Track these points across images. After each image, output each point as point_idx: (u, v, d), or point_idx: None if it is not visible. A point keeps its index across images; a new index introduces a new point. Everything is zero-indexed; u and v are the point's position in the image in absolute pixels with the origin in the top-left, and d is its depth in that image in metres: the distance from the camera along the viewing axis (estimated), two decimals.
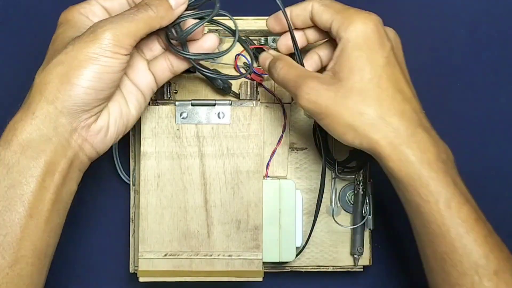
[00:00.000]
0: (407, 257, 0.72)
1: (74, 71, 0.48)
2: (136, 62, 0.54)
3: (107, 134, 0.52)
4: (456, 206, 0.48)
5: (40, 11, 0.75)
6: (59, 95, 0.48)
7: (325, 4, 0.52)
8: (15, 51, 0.74)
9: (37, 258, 0.50)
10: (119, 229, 0.72)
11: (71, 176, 0.51)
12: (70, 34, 0.52)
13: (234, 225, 0.63)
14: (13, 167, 0.48)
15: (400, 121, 0.49)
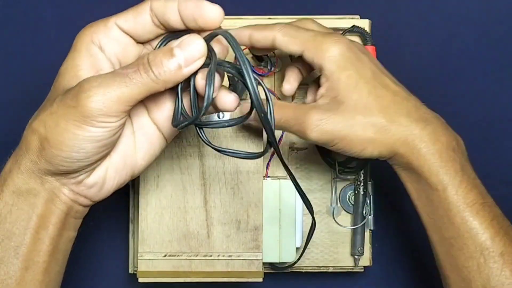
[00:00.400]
0: (407, 257, 0.72)
1: (54, 139, 0.44)
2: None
3: (103, 188, 0.48)
4: (463, 192, 0.50)
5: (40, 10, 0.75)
6: (41, 158, 0.45)
7: (289, 35, 0.52)
8: (14, 51, 0.75)
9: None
10: (119, 229, 0.72)
11: (67, 226, 0.49)
12: (69, 78, 0.47)
13: (234, 225, 0.62)
14: (6, 217, 0.46)
15: (408, 119, 0.51)
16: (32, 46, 0.74)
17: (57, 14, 0.75)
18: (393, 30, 0.73)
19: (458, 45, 0.73)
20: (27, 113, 0.74)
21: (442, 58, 0.73)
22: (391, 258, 0.72)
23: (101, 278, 0.73)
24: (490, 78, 0.73)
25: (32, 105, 0.74)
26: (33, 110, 0.72)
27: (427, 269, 0.72)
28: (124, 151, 0.47)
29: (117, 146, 0.47)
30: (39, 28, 0.74)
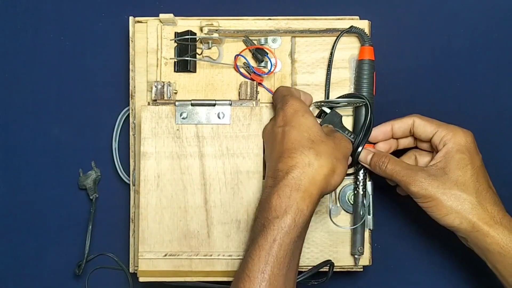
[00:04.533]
0: (407, 257, 0.72)
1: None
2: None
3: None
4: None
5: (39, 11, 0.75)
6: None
7: (426, 119, 0.64)
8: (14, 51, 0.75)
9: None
10: (119, 229, 0.72)
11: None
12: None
13: (234, 225, 0.63)
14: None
15: (494, 206, 0.61)
16: (32, 46, 0.74)
17: (57, 13, 0.75)
18: (392, 31, 0.73)
19: (456, 45, 0.73)
20: (27, 113, 0.74)
21: (441, 58, 0.73)
22: (391, 258, 0.72)
23: (102, 277, 0.73)
24: (489, 78, 0.73)
25: (32, 104, 0.74)
26: (33, 109, 0.72)
27: (427, 268, 0.72)
28: None
29: None
30: (39, 28, 0.74)
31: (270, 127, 0.61)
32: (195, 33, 0.67)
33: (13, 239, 0.73)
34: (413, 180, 0.61)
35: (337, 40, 0.67)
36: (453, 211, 0.60)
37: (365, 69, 0.66)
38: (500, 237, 0.59)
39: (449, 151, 0.62)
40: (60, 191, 0.73)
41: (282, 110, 0.60)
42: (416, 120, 0.65)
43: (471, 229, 0.60)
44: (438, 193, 0.60)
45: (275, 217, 0.55)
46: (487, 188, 0.61)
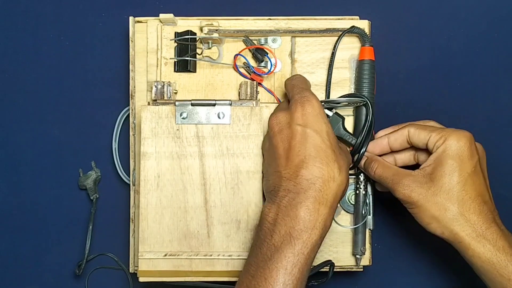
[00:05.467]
0: (406, 257, 0.72)
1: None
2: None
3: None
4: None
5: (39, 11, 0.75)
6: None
7: (420, 127, 0.63)
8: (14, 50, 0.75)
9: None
10: (119, 229, 0.72)
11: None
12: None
13: (234, 225, 0.63)
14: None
15: (478, 218, 0.59)
16: (32, 46, 0.74)
17: (57, 13, 0.75)
18: (392, 31, 0.73)
19: (456, 45, 0.73)
20: (27, 113, 0.74)
21: (441, 58, 0.73)
22: (391, 258, 0.72)
23: (102, 276, 0.73)
24: (489, 78, 0.73)
25: (32, 104, 0.74)
26: (33, 109, 0.72)
27: (427, 268, 0.72)
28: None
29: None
30: (39, 28, 0.74)
31: (283, 118, 0.59)
32: (195, 33, 0.67)
33: (13, 239, 0.73)
34: (398, 186, 0.61)
35: (338, 40, 0.67)
36: (435, 220, 0.59)
37: (366, 70, 0.66)
38: (481, 251, 0.58)
39: (439, 156, 0.61)
40: (60, 191, 0.73)
41: (301, 106, 0.58)
42: (411, 129, 0.63)
43: (453, 240, 0.59)
44: (421, 200, 0.60)
45: (303, 230, 0.54)
46: (474, 196, 0.59)
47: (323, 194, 0.55)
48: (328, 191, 0.55)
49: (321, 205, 0.55)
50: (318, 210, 0.55)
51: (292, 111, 0.58)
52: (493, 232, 0.59)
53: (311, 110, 0.58)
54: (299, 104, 0.58)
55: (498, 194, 0.70)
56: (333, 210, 0.56)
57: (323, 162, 0.56)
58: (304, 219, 0.54)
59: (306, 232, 0.54)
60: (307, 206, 0.54)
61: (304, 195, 0.55)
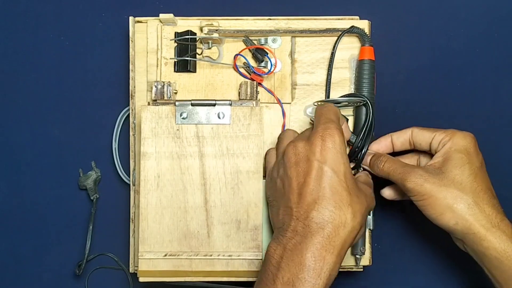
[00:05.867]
0: (407, 257, 0.72)
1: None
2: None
3: None
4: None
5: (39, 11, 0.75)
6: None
7: (424, 128, 0.64)
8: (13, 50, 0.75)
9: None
10: (119, 229, 0.72)
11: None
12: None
13: (234, 225, 0.63)
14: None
15: (492, 210, 0.59)
16: (32, 46, 0.74)
17: (57, 13, 0.75)
18: (392, 31, 0.73)
19: (456, 45, 0.73)
20: (27, 113, 0.74)
21: (441, 58, 0.73)
22: (391, 258, 0.72)
23: (102, 276, 0.73)
24: (489, 78, 0.73)
25: (32, 104, 0.74)
26: (33, 109, 0.72)
27: (427, 268, 0.72)
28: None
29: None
30: (39, 28, 0.74)
31: (302, 149, 0.57)
32: (195, 33, 0.67)
33: (13, 239, 0.73)
34: (410, 176, 0.60)
35: (338, 40, 0.67)
36: (449, 210, 0.59)
37: (366, 69, 0.66)
38: (497, 241, 0.57)
39: (447, 151, 0.61)
40: (60, 191, 0.73)
41: (322, 140, 0.56)
42: (415, 129, 0.64)
43: (467, 231, 0.59)
44: (434, 190, 0.59)
45: (307, 280, 0.52)
46: (485, 189, 0.60)
47: (331, 241, 0.53)
48: (337, 238, 0.53)
49: (327, 252, 0.53)
50: (324, 258, 0.53)
51: (312, 143, 0.56)
52: (506, 225, 0.58)
53: (332, 146, 0.56)
54: (320, 138, 0.56)
55: (498, 194, 0.70)
56: (341, 258, 0.54)
57: (336, 206, 0.54)
58: (308, 267, 0.52)
59: (310, 282, 0.52)
60: (312, 253, 0.53)
61: (311, 240, 0.53)
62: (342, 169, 0.56)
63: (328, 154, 0.56)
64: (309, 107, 0.68)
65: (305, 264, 0.52)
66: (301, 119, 0.68)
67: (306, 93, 0.68)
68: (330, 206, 0.54)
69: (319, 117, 0.59)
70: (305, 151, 0.57)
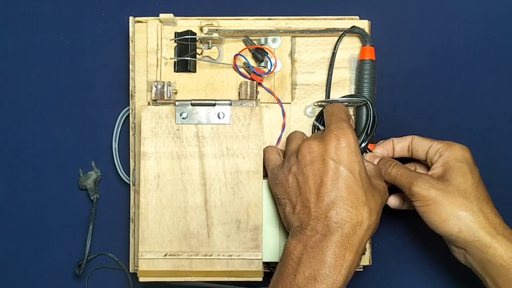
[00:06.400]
0: (407, 257, 0.72)
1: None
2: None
3: None
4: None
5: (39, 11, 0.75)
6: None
7: (423, 137, 0.65)
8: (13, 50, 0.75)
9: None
10: (119, 229, 0.72)
11: None
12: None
13: (234, 225, 0.63)
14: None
15: (495, 217, 0.59)
16: (32, 46, 0.74)
17: (57, 13, 0.75)
18: (392, 31, 0.73)
19: (456, 45, 0.73)
20: (27, 113, 0.74)
21: (441, 58, 0.73)
22: (391, 258, 0.72)
23: (102, 276, 0.73)
24: (489, 78, 0.73)
25: (32, 104, 0.74)
26: (33, 109, 0.72)
27: (427, 268, 0.72)
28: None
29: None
30: (39, 28, 0.74)
31: (317, 148, 0.58)
32: (195, 33, 0.67)
33: (13, 239, 0.73)
34: (417, 181, 0.60)
35: (339, 40, 0.67)
36: (453, 217, 0.59)
37: (366, 69, 0.66)
38: (503, 249, 0.57)
39: (446, 161, 0.61)
40: (60, 191, 0.73)
41: (336, 138, 0.57)
42: (415, 137, 0.65)
43: (472, 239, 0.59)
44: (440, 196, 0.59)
45: (329, 275, 0.54)
46: (487, 199, 0.60)
47: (350, 240, 0.55)
48: (354, 237, 0.55)
49: (347, 250, 0.55)
50: (343, 256, 0.55)
51: (326, 142, 0.57)
52: (510, 233, 0.59)
53: (346, 145, 0.57)
54: (334, 136, 0.57)
55: (498, 194, 0.70)
56: (358, 256, 0.56)
57: (353, 206, 0.56)
58: (330, 264, 0.54)
59: (331, 278, 0.54)
60: (333, 251, 0.55)
61: (331, 239, 0.55)
62: (357, 168, 0.57)
63: (343, 153, 0.57)
64: (309, 107, 0.68)
65: (326, 261, 0.54)
66: (301, 119, 0.68)
67: (306, 93, 0.68)
68: (347, 206, 0.56)
69: (330, 116, 0.60)
70: (320, 150, 0.57)
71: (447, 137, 0.63)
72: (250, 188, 0.63)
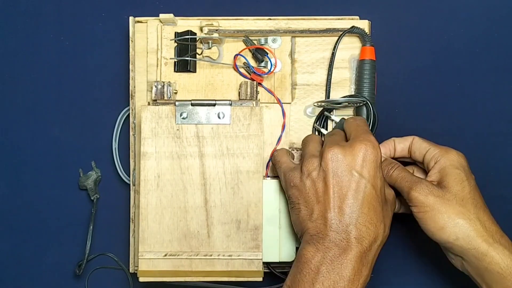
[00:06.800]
0: (407, 257, 0.72)
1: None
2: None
3: None
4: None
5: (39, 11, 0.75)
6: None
7: (424, 139, 0.64)
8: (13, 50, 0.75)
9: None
10: (119, 229, 0.72)
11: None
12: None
13: (234, 225, 0.63)
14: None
15: (492, 225, 0.59)
16: (32, 46, 0.74)
17: (57, 13, 0.75)
18: (392, 31, 0.73)
19: (456, 45, 0.73)
20: (27, 113, 0.74)
21: (441, 58, 0.73)
22: (391, 258, 0.72)
23: (102, 276, 0.73)
24: (489, 78, 0.73)
25: (32, 104, 0.74)
26: (33, 109, 0.72)
27: (427, 268, 0.72)
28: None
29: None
30: (39, 28, 0.74)
31: (342, 156, 0.57)
32: (195, 33, 0.67)
33: (13, 239, 0.73)
34: (416, 186, 0.60)
35: (339, 40, 0.67)
36: (451, 224, 0.58)
37: (367, 69, 0.66)
38: (500, 257, 0.57)
39: (443, 167, 0.61)
40: (60, 191, 0.73)
41: (365, 150, 0.57)
42: (416, 138, 0.65)
43: (469, 246, 0.58)
44: (438, 203, 0.59)
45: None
46: (483, 207, 0.60)
47: (366, 256, 0.56)
48: (370, 253, 0.56)
49: (363, 266, 0.56)
50: (361, 272, 0.56)
51: (355, 152, 0.57)
52: (507, 241, 0.59)
53: (374, 159, 0.57)
54: (364, 148, 0.57)
55: (498, 194, 0.70)
56: (371, 270, 0.57)
57: (372, 223, 0.57)
58: (349, 278, 0.55)
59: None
60: (352, 267, 0.55)
61: (351, 254, 0.56)
62: (379, 184, 0.58)
63: (370, 167, 0.57)
64: (309, 107, 0.68)
65: (345, 275, 0.55)
66: (301, 119, 0.68)
67: (306, 93, 0.68)
68: (367, 222, 0.56)
69: (356, 128, 0.60)
70: (346, 160, 0.57)
71: (447, 137, 0.64)
72: (250, 188, 0.63)
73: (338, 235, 0.56)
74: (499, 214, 0.61)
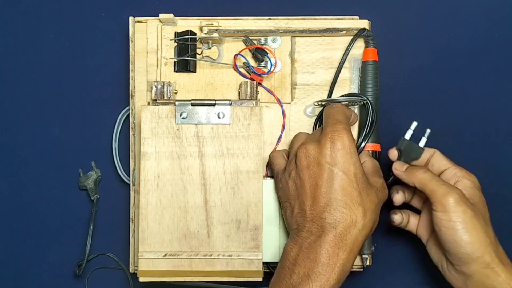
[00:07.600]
0: (407, 257, 0.72)
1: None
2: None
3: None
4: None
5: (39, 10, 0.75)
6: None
7: (445, 156, 0.63)
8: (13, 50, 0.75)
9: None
10: (119, 229, 0.72)
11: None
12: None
13: (234, 225, 0.63)
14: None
15: (501, 248, 0.59)
16: (32, 46, 0.74)
17: (57, 13, 0.75)
18: (392, 31, 0.73)
19: (457, 45, 0.73)
20: (27, 113, 0.74)
21: (441, 58, 0.73)
22: (391, 258, 0.72)
23: (102, 276, 0.73)
24: (490, 78, 0.73)
25: (32, 104, 0.74)
26: (33, 109, 0.72)
27: (427, 268, 0.72)
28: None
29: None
30: (39, 28, 0.75)
31: (313, 152, 0.58)
32: (195, 33, 0.67)
33: (13, 239, 0.73)
34: (453, 192, 0.58)
35: (353, 41, 0.67)
36: (475, 239, 0.57)
37: (370, 71, 0.66)
38: (510, 278, 0.57)
39: (467, 186, 0.61)
40: (60, 191, 0.73)
41: (331, 142, 0.58)
42: (437, 152, 0.64)
43: (484, 266, 0.58)
44: (473, 216, 0.58)
45: (322, 274, 0.55)
46: (493, 231, 0.60)
47: (343, 239, 0.56)
48: (349, 237, 0.56)
49: (340, 250, 0.56)
50: (337, 255, 0.56)
51: (322, 145, 0.58)
52: (509, 263, 0.59)
53: (341, 147, 0.57)
54: (329, 140, 0.58)
55: (498, 194, 0.70)
56: (354, 255, 0.57)
57: (347, 207, 0.56)
58: (323, 262, 0.55)
59: (324, 276, 0.55)
60: (326, 250, 0.56)
61: (325, 239, 0.56)
62: (352, 169, 0.57)
63: (338, 156, 0.57)
64: (309, 107, 0.68)
65: (319, 260, 0.55)
66: (301, 119, 0.68)
67: (306, 93, 0.68)
68: (340, 207, 0.56)
69: (327, 119, 0.60)
70: (316, 153, 0.58)
71: (447, 137, 0.63)
72: (250, 188, 0.63)
73: (314, 223, 0.57)
74: (499, 214, 0.61)
